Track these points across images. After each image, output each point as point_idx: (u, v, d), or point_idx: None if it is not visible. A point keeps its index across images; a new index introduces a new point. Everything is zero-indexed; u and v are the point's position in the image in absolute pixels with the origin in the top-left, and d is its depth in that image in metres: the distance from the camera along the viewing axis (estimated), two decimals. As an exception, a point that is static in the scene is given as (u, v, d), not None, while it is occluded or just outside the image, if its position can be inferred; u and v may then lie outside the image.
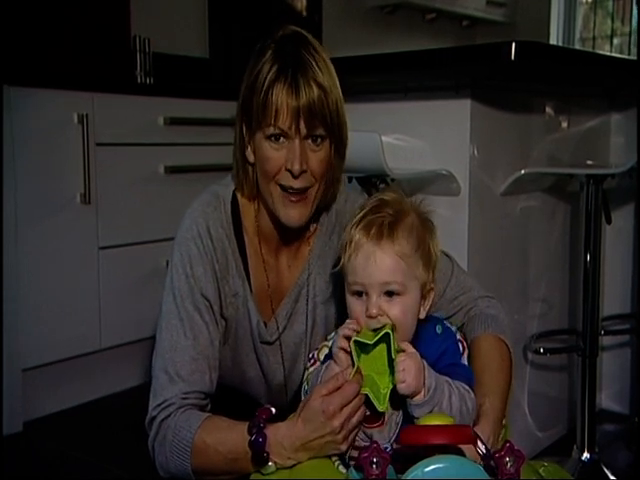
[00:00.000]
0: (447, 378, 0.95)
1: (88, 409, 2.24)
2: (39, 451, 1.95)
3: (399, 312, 0.95)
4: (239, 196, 1.16)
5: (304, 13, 3.57)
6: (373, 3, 3.92)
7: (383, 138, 1.47)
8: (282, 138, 1.04)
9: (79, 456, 1.91)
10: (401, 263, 0.94)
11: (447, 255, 1.19)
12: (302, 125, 1.02)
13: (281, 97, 1.01)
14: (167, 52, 2.96)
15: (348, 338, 0.94)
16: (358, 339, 0.92)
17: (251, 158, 1.10)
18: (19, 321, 2.03)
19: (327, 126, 1.05)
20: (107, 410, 2.25)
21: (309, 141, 1.05)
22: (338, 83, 1.07)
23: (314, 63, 1.04)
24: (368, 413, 0.95)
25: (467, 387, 0.97)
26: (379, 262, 0.94)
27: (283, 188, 1.06)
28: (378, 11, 3.98)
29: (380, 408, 0.92)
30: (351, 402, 0.93)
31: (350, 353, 0.94)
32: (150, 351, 1.11)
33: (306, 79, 1.02)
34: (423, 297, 0.99)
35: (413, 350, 0.93)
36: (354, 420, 0.94)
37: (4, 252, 1.96)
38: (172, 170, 2.41)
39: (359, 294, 0.96)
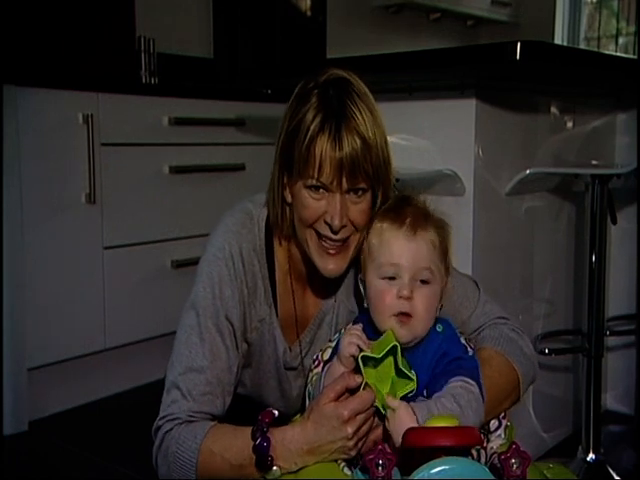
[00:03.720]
0: (441, 396, 0.92)
1: (93, 408, 2.24)
2: (44, 450, 1.96)
3: (426, 299, 0.96)
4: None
5: (308, 13, 3.57)
6: (377, 3, 3.92)
7: (388, 138, 1.46)
8: (322, 190, 1.02)
9: (84, 455, 1.91)
10: (433, 252, 0.98)
11: (475, 282, 1.17)
12: (344, 180, 1.00)
13: (324, 150, 0.98)
14: (172, 52, 2.97)
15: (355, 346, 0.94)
16: (366, 354, 0.92)
17: (289, 199, 1.07)
18: (24, 320, 2.04)
19: (369, 179, 1.02)
20: (112, 409, 2.25)
21: (350, 193, 1.02)
22: (384, 130, 1.04)
23: (358, 113, 1.00)
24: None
25: (468, 383, 0.93)
26: (416, 247, 0.97)
27: (319, 235, 1.04)
28: (382, 11, 3.97)
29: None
30: (365, 410, 0.92)
31: (357, 363, 0.93)
32: (154, 351, 1.11)
33: (349, 131, 0.99)
34: (440, 296, 1.00)
35: (397, 405, 0.90)
36: (365, 428, 0.93)
37: (9, 252, 1.97)
38: (177, 170, 2.41)
39: (390, 278, 0.96)
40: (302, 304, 1.16)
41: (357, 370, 0.94)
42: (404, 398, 0.93)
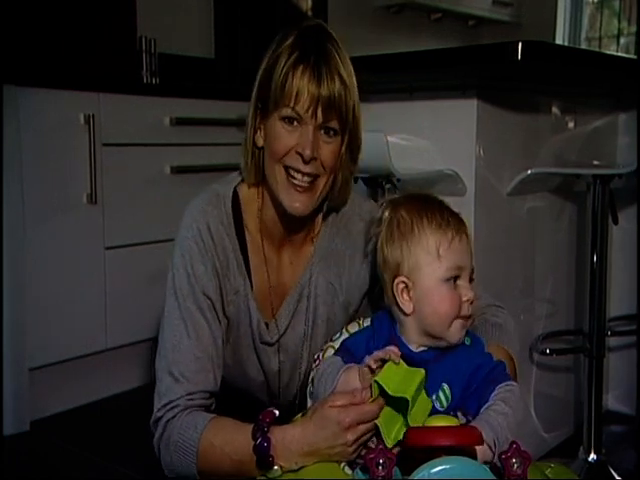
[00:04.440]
0: (491, 405, 0.91)
1: (95, 408, 2.25)
2: (46, 450, 1.96)
3: (474, 298, 0.97)
4: (241, 192, 1.15)
5: (310, 13, 3.57)
6: (379, 3, 3.92)
7: (389, 138, 1.47)
8: (296, 122, 1.04)
9: (86, 455, 1.91)
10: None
11: None
12: (319, 113, 1.02)
13: (303, 81, 1.01)
14: (173, 52, 2.97)
15: (382, 361, 0.92)
16: (379, 382, 0.89)
17: (260, 142, 1.10)
18: (26, 321, 2.04)
19: (342, 121, 1.05)
20: (114, 409, 2.25)
21: (322, 132, 1.05)
22: (356, 83, 1.07)
23: (337, 56, 1.04)
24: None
25: (512, 385, 0.93)
26: (469, 248, 0.98)
27: (289, 172, 1.06)
28: (384, 11, 3.98)
29: (388, 443, 0.89)
30: (368, 422, 0.92)
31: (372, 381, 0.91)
32: (155, 352, 1.11)
33: (329, 70, 1.02)
34: None
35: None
36: (366, 437, 0.93)
37: (10, 252, 1.97)
38: (178, 170, 2.41)
39: (454, 280, 0.95)
40: (277, 275, 1.17)
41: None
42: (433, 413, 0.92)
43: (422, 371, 0.90)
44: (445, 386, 0.94)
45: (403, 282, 0.97)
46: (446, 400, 0.93)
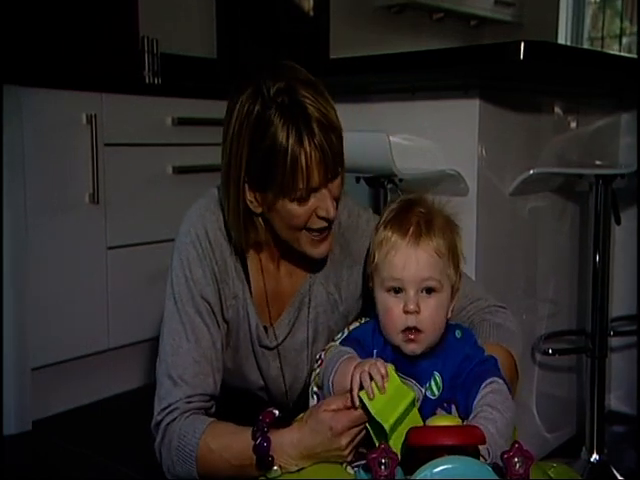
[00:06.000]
0: (479, 412, 0.90)
1: (97, 408, 2.25)
2: (47, 450, 1.96)
3: (434, 310, 0.95)
4: None
5: (311, 13, 3.57)
6: (380, 3, 3.92)
7: (391, 138, 1.46)
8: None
9: (88, 455, 1.91)
10: (438, 260, 0.95)
11: None
12: (329, 174, 1.02)
13: (309, 160, 0.99)
14: (175, 52, 2.97)
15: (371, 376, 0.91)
16: (363, 399, 0.89)
17: (259, 211, 1.07)
18: (28, 320, 2.04)
19: (342, 162, 1.05)
20: (115, 409, 2.25)
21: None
22: (332, 102, 1.05)
23: (321, 107, 1.00)
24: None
25: (497, 383, 0.92)
26: (419, 258, 0.95)
27: (310, 230, 1.06)
28: (385, 11, 3.97)
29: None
30: (360, 426, 0.92)
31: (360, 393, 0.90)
32: (157, 352, 1.12)
33: (322, 129, 0.99)
34: (451, 298, 0.99)
35: None
36: (359, 438, 0.94)
37: (12, 251, 1.97)
38: (180, 170, 2.41)
39: (395, 291, 0.95)
40: (275, 283, 1.17)
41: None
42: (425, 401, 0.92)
43: (412, 393, 0.90)
44: (436, 375, 0.95)
45: (370, 287, 1.02)
46: (437, 389, 0.95)
